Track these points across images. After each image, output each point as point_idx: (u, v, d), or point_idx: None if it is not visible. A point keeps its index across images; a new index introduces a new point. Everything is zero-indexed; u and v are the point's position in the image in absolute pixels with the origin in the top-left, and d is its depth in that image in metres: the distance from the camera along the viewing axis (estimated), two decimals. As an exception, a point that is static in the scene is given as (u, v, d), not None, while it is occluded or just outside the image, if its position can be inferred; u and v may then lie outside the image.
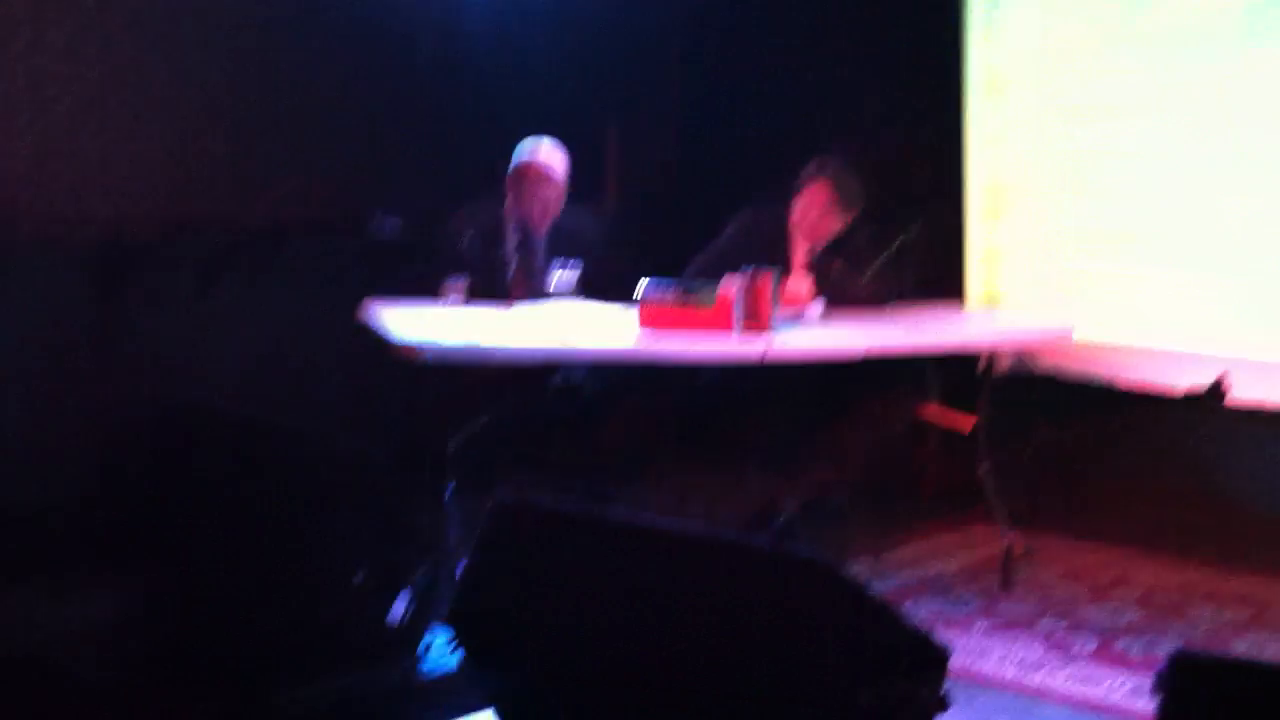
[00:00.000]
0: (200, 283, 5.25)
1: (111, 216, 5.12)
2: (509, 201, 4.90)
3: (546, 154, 4.90)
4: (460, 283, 4.56)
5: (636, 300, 4.31)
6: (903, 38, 5.76)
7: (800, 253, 4.90)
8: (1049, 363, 5.27)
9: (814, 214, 4.86)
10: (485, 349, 4.26)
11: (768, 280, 4.30)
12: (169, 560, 3.47)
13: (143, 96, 5.22)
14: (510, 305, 4.62)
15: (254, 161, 5.44)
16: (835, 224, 4.88)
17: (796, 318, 4.55)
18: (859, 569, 4.57)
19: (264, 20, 5.48)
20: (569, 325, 4.31)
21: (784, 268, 4.65)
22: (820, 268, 4.84)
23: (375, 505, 3.30)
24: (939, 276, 5.50)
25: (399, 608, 3.26)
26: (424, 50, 5.83)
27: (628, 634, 2.76)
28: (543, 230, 4.90)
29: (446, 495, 4.19)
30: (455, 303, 4.54)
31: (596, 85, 6.20)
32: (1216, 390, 4.89)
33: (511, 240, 4.86)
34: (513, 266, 4.84)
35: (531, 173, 4.87)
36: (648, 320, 4.28)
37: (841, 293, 4.76)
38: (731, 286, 4.30)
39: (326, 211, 4.87)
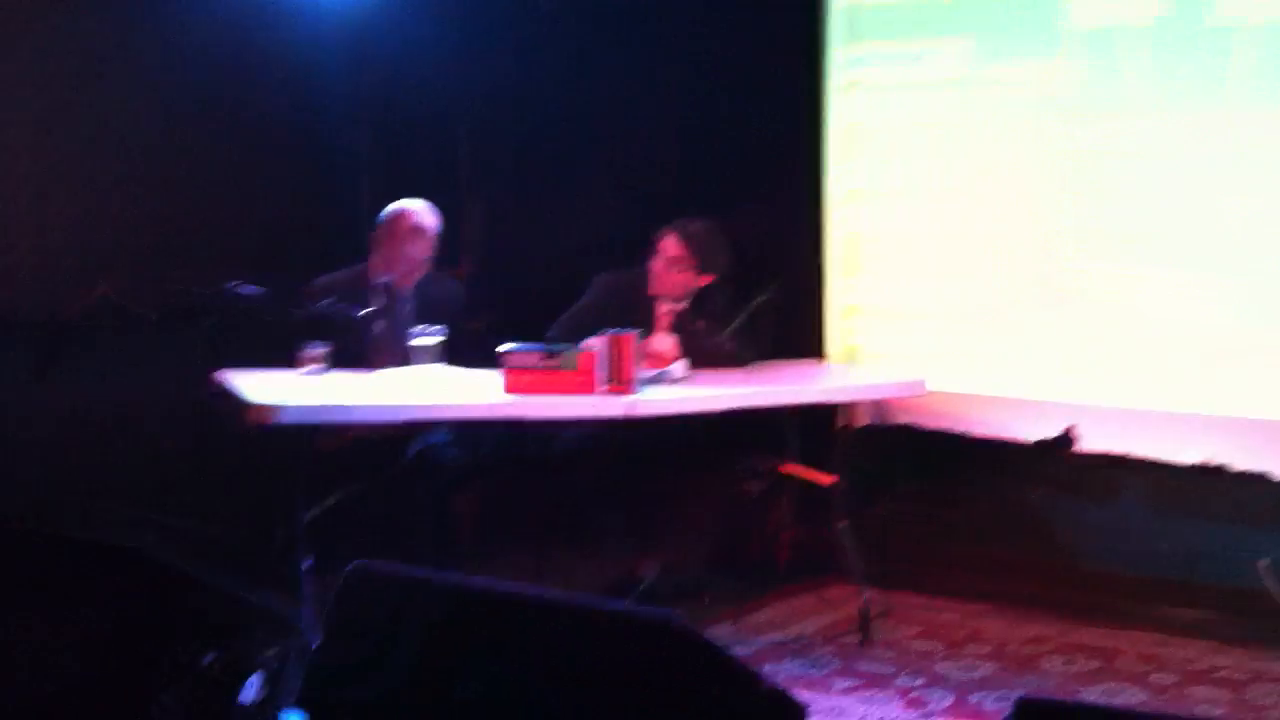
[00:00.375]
0: (40, 364, 5.18)
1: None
2: (375, 259, 4.88)
3: (420, 209, 4.91)
4: (319, 350, 4.50)
5: (500, 364, 4.32)
6: (760, 95, 5.85)
7: (661, 313, 4.95)
8: (905, 417, 5.36)
9: (660, 267, 4.93)
10: (346, 408, 4.24)
11: (630, 340, 4.34)
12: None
13: None
14: (373, 371, 4.59)
15: (96, 234, 5.41)
16: (685, 278, 4.94)
17: (659, 377, 4.58)
18: (719, 632, 4.60)
19: (105, 91, 5.46)
20: (433, 388, 4.29)
21: (646, 329, 4.69)
22: (683, 327, 4.89)
23: (222, 586, 3.21)
24: (799, 334, 5.58)
25: (250, 691, 3.18)
26: (278, 115, 5.81)
27: (486, 703, 2.74)
28: (408, 289, 4.88)
29: (301, 571, 4.13)
30: (316, 371, 4.48)
31: (452, 151, 6.24)
32: (1065, 439, 5.03)
33: (376, 303, 4.83)
34: (376, 330, 4.81)
35: (405, 225, 4.87)
36: (513, 384, 4.28)
37: (703, 352, 4.81)
38: (594, 347, 4.33)
39: (179, 284, 4.80)
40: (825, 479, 4.83)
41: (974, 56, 5.31)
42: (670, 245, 4.95)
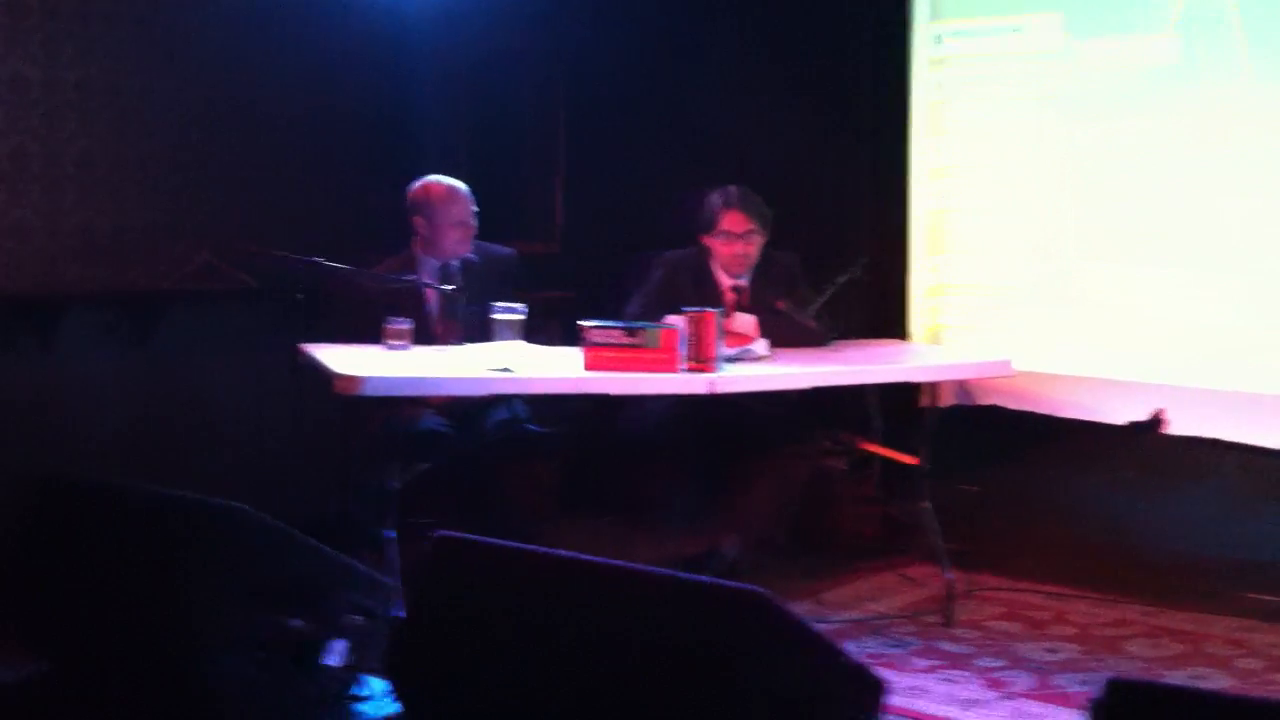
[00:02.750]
0: (131, 337, 5.30)
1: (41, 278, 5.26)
2: (417, 240, 4.88)
3: (446, 179, 4.91)
4: (404, 325, 4.54)
5: (580, 341, 4.34)
6: (844, 72, 5.83)
7: (726, 287, 4.95)
8: (991, 397, 5.32)
9: (730, 243, 4.91)
10: (429, 380, 4.27)
11: (711, 318, 4.34)
12: (70, 631, 3.38)
13: (71, 160, 5.30)
14: (443, 348, 4.61)
15: (176, 217, 5.53)
16: (754, 248, 4.93)
17: (741, 355, 4.58)
18: (800, 609, 4.59)
19: (178, 75, 5.58)
20: (517, 362, 4.32)
21: (715, 304, 4.69)
22: (763, 306, 4.88)
23: (318, 547, 3.25)
24: (883, 312, 5.56)
25: (335, 656, 3.22)
26: (366, 94, 5.91)
27: (572, 673, 2.76)
28: (458, 262, 4.89)
29: (387, 539, 4.18)
30: (400, 346, 4.52)
31: (537, 129, 6.30)
32: (1154, 421, 4.97)
33: (430, 278, 4.85)
34: (435, 306, 4.83)
35: (438, 197, 4.86)
36: (594, 361, 4.30)
37: (786, 330, 4.79)
38: (675, 326, 4.33)
39: (272, 255, 4.89)
40: (908, 459, 4.80)
41: (1061, 31, 5.24)
42: (736, 219, 4.92)
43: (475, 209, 4.89)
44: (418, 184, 4.92)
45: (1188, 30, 4.93)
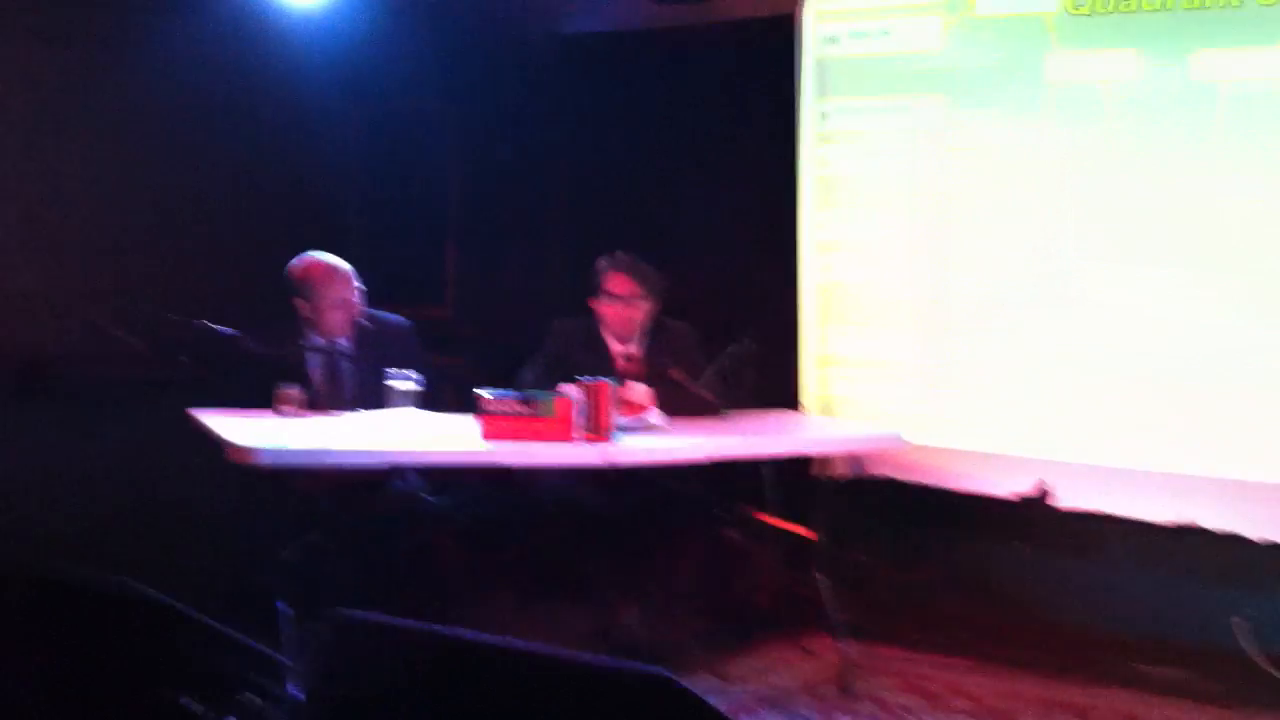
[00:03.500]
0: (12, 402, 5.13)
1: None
2: (303, 317, 4.77)
3: (328, 256, 4.81)
4: (294, 391, 4.44)
5: (476, 409, 4.27)
6: (735, 146, 5.87)
7: (616, 353, 4.93)
8: (883, 469, 5.34)
9: (615, 306, 4.91)
10: (324, 452, 4.17)
11: (606, 388, 4.33)
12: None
13: None
14: (330, 413, 4.52)
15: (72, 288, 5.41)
16: (640, 312, 4.93)
17: (636, 425, 4.55)
18: (699, 681, 4.54)
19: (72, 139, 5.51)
20: (411, 433, 4.24)
21: (608, 371, 4.66)
22: (657, 375, 4.86)
23: (207, 623, 3.13)
24: (774, 383, 5.56)
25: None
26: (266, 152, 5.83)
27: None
28: (346, 337, 4.79)
29: (279, 614, 4.05)
30: (292, 413, 4.41)
31: (434, 193, 6.25)
32: (1040, 495, 5.02)
33: (315, 362, 4.76)
34: (316, 377, 4.73)
35: (318, 271, 4.77)
36: (491, 430, 4.24)
37: (678, 400, 4.78)
38: (570, 395, 4.29)
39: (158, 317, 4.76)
40: (804, 531, 4.79)
41: (944, 110, 5.33)
42: (621, 282, 4.93)
43: (360, 286, 4.80)
44: (298, 262, 4.80)
45: (1062, 110, 5.04)
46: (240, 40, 5.80)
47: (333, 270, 4.76)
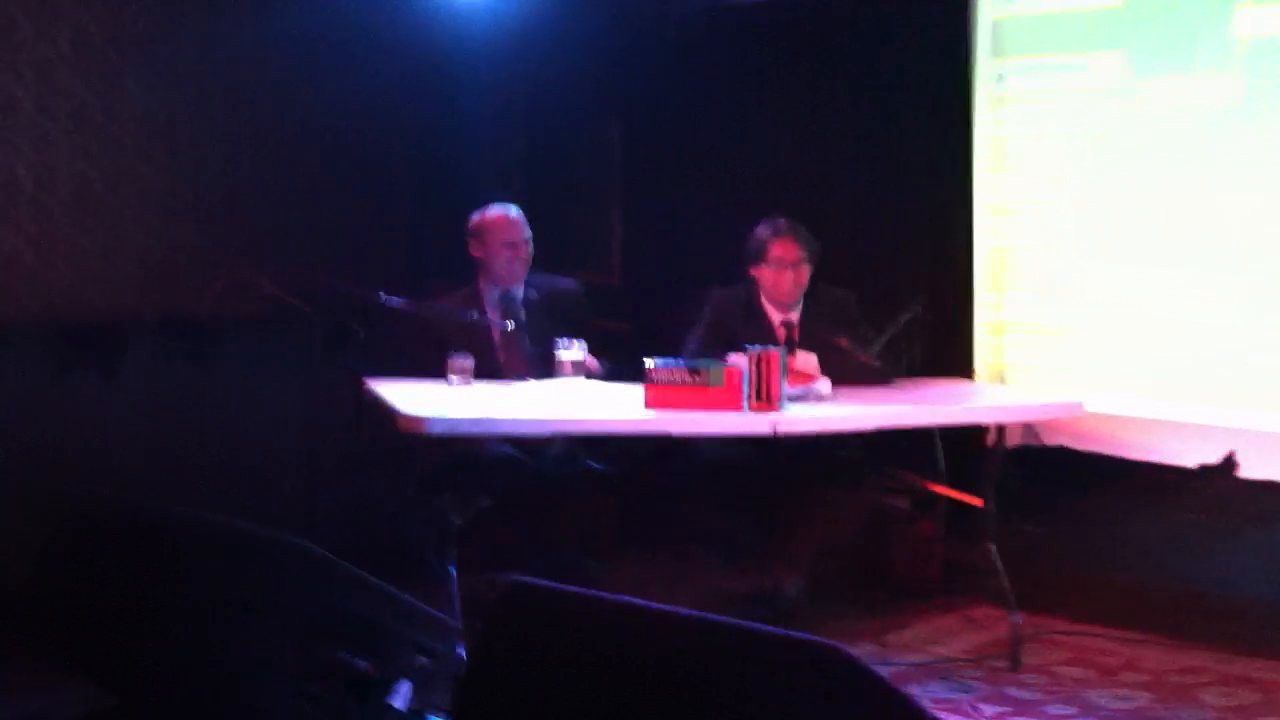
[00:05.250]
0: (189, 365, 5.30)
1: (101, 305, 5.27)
2: (479, 262, 4.91)
3: (505, 207, 5.00)
4: (466, 361, 4.54)
5: (643, 378, 4.30)
6: (908, 109, 5.78)
7: (777, 324, 4.90)
8: (1057, 438, 5.24)
9: (783, 272, 4.87)
10: (491, 421, 4.25)
11: (775, 357, 4.29)
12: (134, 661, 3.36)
13: (133, 189, 5.35)
14: (508, 382, 4.61)
15: (237, 249, 5.54)
16: (805, 278, 4.90)
17: (804, 394, 4.52)
18: (862, 651, 4.53)
19: (247, 107, 5.62)
20: (578, 401, 4.29)
21: (765, 340, 4.64)
22: (822, 343, 4.82)
23: (383, 586, 3.22)
24: (946, 350, 5.49)
25: (400, 697, 3.19)
26: (429, 123, 5.93)
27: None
28: (518, 285, 4.92)
29: (449, 573, 4.15)
30: (463, 382, 4.51)
31: (600, 161, 6.29)
32: (1225, 466, 4.87)
33: (493, 312, 4.87)
34: (498, 338, 4.84)
35: (492, 215, 4.96)
36: (655, 399, 4.26)
37: (848, 369, 4.74)
38: (739, 364, 4.29)
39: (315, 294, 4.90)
40: (973, 500, 4.73)
41: (1126, 69, 5.17)
42: (787, 247, 4.89)
43: (529, 235, 4.96)
44: (476, 213, 5.01)
45: (1252, 67, 4.85)
46: (412, 13, 5.92)
47: (505, 214, 5.00)
